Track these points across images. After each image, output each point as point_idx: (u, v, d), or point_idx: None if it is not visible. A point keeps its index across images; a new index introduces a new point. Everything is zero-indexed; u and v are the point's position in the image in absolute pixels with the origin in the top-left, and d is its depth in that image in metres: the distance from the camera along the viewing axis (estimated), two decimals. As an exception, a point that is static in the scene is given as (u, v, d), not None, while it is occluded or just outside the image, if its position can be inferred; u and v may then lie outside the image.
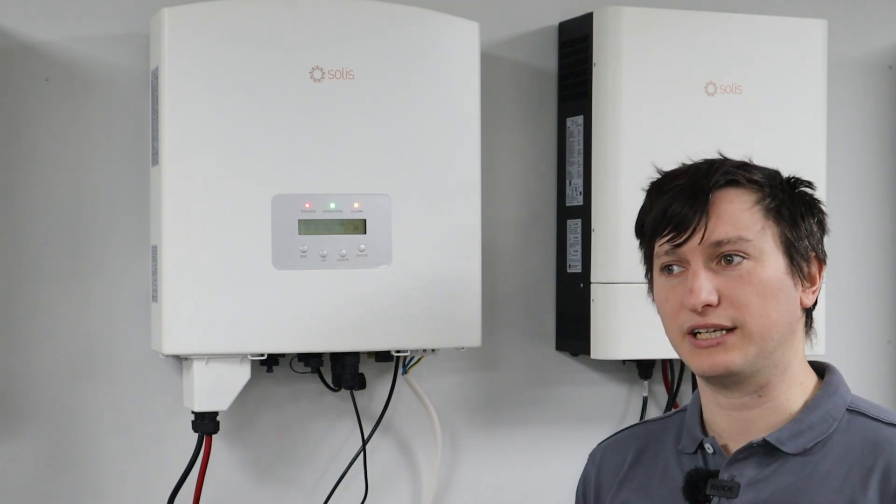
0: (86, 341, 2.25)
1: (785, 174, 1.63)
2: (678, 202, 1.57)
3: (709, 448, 1.62)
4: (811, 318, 1.64)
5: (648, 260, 1.64)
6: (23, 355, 2.22)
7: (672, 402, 2.50)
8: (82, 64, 2.23)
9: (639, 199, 2.30)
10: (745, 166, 1.61)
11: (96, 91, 2.24)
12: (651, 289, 1.66)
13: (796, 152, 2.29)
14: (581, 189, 2.37)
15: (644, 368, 2.47)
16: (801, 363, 1.62)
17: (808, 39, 2.39)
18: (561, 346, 2.48)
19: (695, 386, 2.52)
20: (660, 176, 1.64)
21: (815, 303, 1.63)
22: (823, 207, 1.64)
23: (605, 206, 2.31)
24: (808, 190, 1.63)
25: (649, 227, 1.61)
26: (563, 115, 2.44)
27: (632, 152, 2.29)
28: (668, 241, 1.58)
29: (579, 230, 2.38)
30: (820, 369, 1.65)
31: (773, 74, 2.35)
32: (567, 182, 2.42)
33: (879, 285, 2.68)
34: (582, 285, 2.37)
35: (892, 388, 2.68)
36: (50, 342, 2.23)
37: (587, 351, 2.35)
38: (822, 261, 1.62)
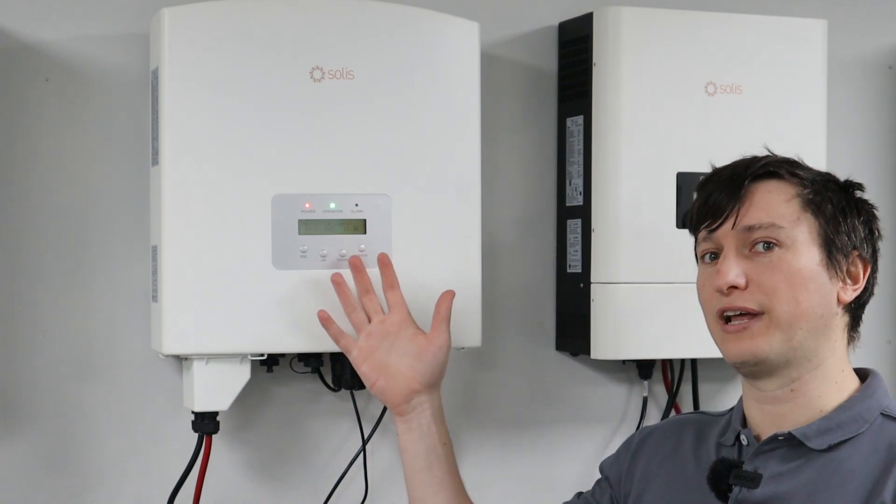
0: (86, 341, 2.25)
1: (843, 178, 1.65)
2: (717, 192, 1.62)
3: (744, 440, 1.65)
4: (857, 320, 1.65)
5: (696, 252, 1.68)
6: (23, 355, 2.22)
7: (672, 402, 2.50)
8: (82, 64, 2.23)
9: (639, 199, 2.32)
10: (790, 162, 1.64)
11: (96, 91, 2.24)
12: None
13: (796, 152, 2.29)
14: (581, 189, 2.37)
15: (644, 368, 2.47)
16: (839, 362, 1.62)
17: (808, 39, 2.39)
18: (561, 346, 2.48)
19: (695, 387, 2.54)
20: (710, 172, 1.67)
21: (862, 305, 1.65)
22: (876, 211, 1.65)
23: (605, 206, 2.31)
24: (858, 192, 1.64)
25: (693, 218, 1.65)
26: (563, 115, 2.44)
27: (632, 152, 2.29)
28: (705, 227, 1.62)
29: (579, 230, 2.38)
30: (864, 375, 1.66)
31: (773, 74, 2.36)
32: (567, 182, 2.42)
33: (879, 285, 2.67)
34: (582, 285, 2.37)
35: (893, 388, 2.68)
36: (50, 342, 2.23)
37: (587, 351, 2.35)
38: (867, 261, 1.63)
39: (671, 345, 2.28)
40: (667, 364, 2.50)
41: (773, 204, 1.59)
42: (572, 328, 2.42)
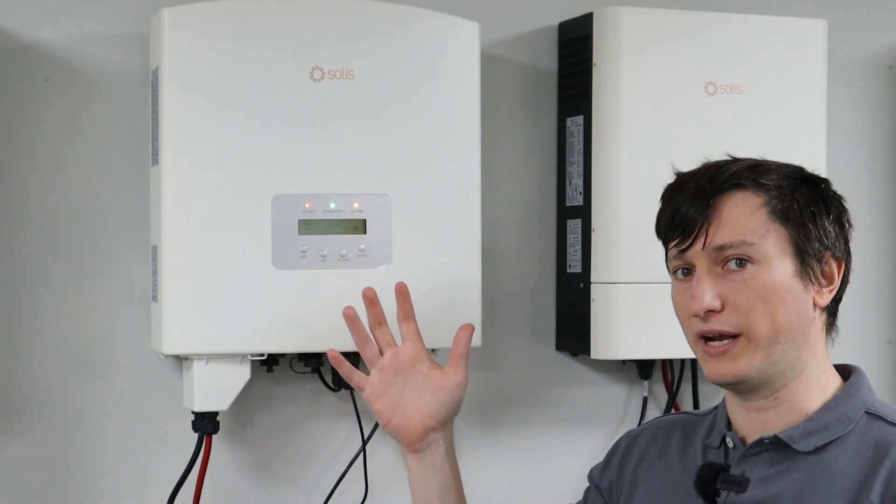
0: (86, 341, 2.25)
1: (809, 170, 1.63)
2: (684, 206, 1.59)
3: (730, 443, 1.63)
4: (834, 315, 1.63)
5: (666, 262, 1.66)
6: (23, 355, 2.22)
7: (672, 402, 2.50)
8: (82, 64, 2.23)
9: (639, 199, 2.32)
10: (755, 168, 1.60)
11: (96, 91, 2.24)
12: None
13: (796, 152, 2.28)
14: (581, 189, 2.37)
15: (644, 368, 2.47)
16: (821, 364, 1.61)
17: (808, 39, 2.39)
18: (561, 346, 2.48)
19: (695, 386, 2.54)
20: (674, 178, 1.65)
21: (838, 300, 1.62)
22: (844, 203, 1.63)
23: (605, 206, 2.31)
24: (825, 186, 1.62)
25: (662, 232, 1.64)
26: (563, 115, 2.44)
27: (632, 152, 2.29)
28: (675, 245, 1.60)
29: (579, 230, 2.38)
30: (847, 373, 1.65)
31: (773, 74, 2.35)
32: (567, 182, 2.42)
33: (879, 285, 2.68)
34: (582, 285, 2.37)
35: (893, 388, 2.68)
36: (50, 342, 2.23)
37: (587, 351, 2.35)
38: (840, 259, 1.61)
39: (671, 345, 2.28)
40: (667, 364, 2.50)
41: (741, 218, 1.57)
42: (572, 328, 2.42)
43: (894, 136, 2.68)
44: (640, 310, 2.29)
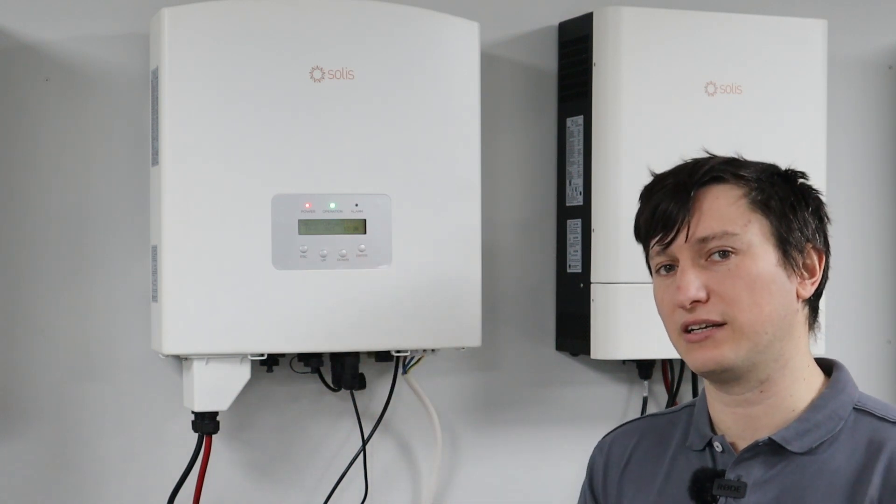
0: (86, 341, 2.25)
1: (784, 167, 1.63)
2: (664, 202, 1.59)
3: (717, 446, 1.61)
4: (815, 311, 1.63)
5: (648, 262, 1.65)
6: (23, 355, 2.22)
7: (672, 402, 2.50)
8: (82, 64, 2.23)
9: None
10: (732, 162, 1.61)
11: (96, 91, 2.24)
12: None
13: (796, 152, 2.28)
14: (581, 189, 2.37)
15: (644, 368, 2.47)
16: (804, 358, 1.61)
17: (808, 39, 2.39)
18: (561, 346, 2.48)
19: (695, 386, 2.53)
20: (651, 178, 1.65)
21: (819, 295, 1.62)
22: (822, 196, 1.63)
23: (605, 206, 2.31)
24: (802, 180, 1.63)
25: (642, 230, 1.63)
26: (563, 115, 2.44)
27: (632, 152, 2.29)
28: (657, 241, 1.60)
29: (579, 230, 2.38)
30: (827, 367, 1.64)
31: (773, 74, 2.36)
32: (567, 182, 2.42)
33: (879, 285, 2.68)
34: (582, 285, 2.37)
35: (892, 387, 2.68)
36: (50, 342, 2.23)
37: (587, 351, 2.35)
38: (821, 251, 1.61)
39: (671, 345, 2.28)
40: (667, 364, 2.50)
41: (722, 209, 1.57)
42: (572, 328, 2.42)
43: (894, 136, 2.68)
44: (640, 310, 2.29)
